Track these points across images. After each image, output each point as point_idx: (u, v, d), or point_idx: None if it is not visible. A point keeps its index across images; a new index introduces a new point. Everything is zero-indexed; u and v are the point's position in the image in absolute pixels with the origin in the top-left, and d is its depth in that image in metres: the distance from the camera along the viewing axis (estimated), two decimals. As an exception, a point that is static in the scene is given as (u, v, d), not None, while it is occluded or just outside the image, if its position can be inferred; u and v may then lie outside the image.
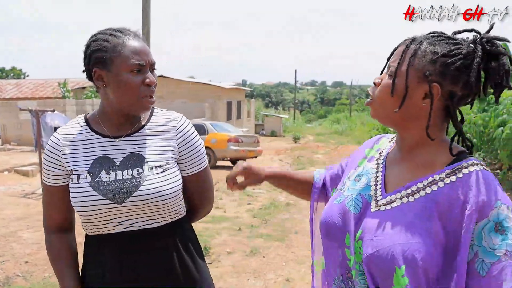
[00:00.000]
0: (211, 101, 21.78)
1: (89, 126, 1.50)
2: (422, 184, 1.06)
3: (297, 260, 5.05)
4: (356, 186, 1.21)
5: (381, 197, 1.13)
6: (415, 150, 1.13)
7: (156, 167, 1.45)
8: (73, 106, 15.83)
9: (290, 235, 6.06)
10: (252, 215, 7.24)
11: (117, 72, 1.39)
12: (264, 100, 63.18)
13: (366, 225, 1.09)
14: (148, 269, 1.44)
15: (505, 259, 0.95)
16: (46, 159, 1.48)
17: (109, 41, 1.39)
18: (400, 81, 1.08)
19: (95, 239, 1.45)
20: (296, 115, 44.18)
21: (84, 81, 22.80)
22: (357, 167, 1.29)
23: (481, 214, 0.97)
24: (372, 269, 1.04)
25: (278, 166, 13.95)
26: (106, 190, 1.39)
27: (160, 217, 1.45)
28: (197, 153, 1.56)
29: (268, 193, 9.21)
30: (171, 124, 1.53)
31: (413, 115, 1.09)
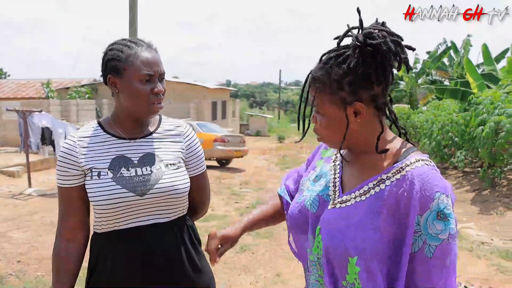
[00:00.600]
0: (197, 101, 21.81)
1: (103, 129, 1.63)
2: (372, 184, 1.15)
3: (286, 256, 5.18)
4: (315, 187, 1.30)
5: (338, 197, 1.21)
6: (363, 154, 1.21)
7: (171, 164, 1.61)
8: (57, 106, 15.70)
9: (277, 232, 6.18)
10: (240, 213, 7.37)
11: (129, 80, 1.52)
12: (249, 100, 63.33)
13: (323, 221, 1.19)
14: (158, 261, 1.56)
15: (448, 241, 1.07)
16: (62, 161, 1.58)
17: (123, 52, 1.53)
18: (327, 118, 1.17)
19: (108, 235, 1.57)
20: (280, 115, 44.40)
21: (68, 81, 22.67)
22: (315, 167, 1.38)
23: (424, 207, 1.07)
24: (330, 259, 1.15)
25: (263, 166, 14.09)
26: (129, 184, 1.53)
27: (171, 212, 1.59)
28: (199, 157, 1.74)
29: (255, 192, 9.36)
30: (179, 129, 1.71)
31: (356, 133, 1.17)
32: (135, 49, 1.54)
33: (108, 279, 1.57)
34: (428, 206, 1.07)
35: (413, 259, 1.08)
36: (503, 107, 8.18)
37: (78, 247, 1.63)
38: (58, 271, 1.61)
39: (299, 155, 17.07)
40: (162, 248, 1.56)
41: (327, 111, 1.16)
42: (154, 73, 1.54)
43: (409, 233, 1.07)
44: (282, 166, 13.71)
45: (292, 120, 46.28)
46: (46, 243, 5.43)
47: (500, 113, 8.01)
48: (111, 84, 1.57)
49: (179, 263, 1.59)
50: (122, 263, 1.55)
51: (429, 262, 1.08)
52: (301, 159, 15.79)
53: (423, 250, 1.08)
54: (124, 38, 1.62)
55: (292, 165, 14.07)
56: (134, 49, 1.54)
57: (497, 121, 7.82)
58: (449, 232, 1.07)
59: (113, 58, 1.54)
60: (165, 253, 1.57)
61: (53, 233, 5.44)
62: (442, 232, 1.07)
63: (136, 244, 1.54)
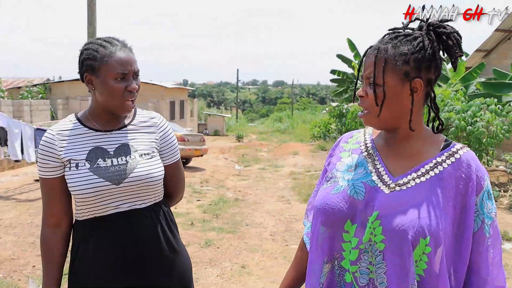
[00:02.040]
0: (155, 101, 21.63)
1: (80, 122, 1.71)
2: (428, 167, 1.20)
3: (250, 249, 5.34)
4: (353, 176, 1.27)
5: (391, 181, 1.22)
6: (409, 140, 1.25)
7: (145, 154, 1.71)
8: (9, 106, 15.18)
9: (241, 228, 6.32)
10: (202, 210, 7.44)
11: (104, 79, 1.62)
12: (206, 99, 63.11)
13: (383, 206, 1.18)
14: (138, 242, 1.66)
15: (495, 218, 1.20)
16: (42, 153, 1.66)
17: (98, 51, 1.62)
18: (386, 89, 1.18)
19: (89, 222, 1.66)
20: (238, 114, 44.53)
21: (19, 81, 21.95)
22: (341, 158, 1.36)
23: (479, 188, 1.17)
24: (394, 244, 1.14)
25: (223, 165, 14.16)
26: (105, 174, 1.62)
27: (147, 198, 1.69)
28: (173, 146, 1.84)
29: (216, 190, 9.44)
30: (153, 120, 1.81)
31: (404, 113, 1.21)
32: (110, 49, 1.62)
33: (91, 262, 1.66)
34: (482, 186, 1.18)
35: (473, 239, 1.16)
36: (452, 104, 8.67)
37: (63, 234, 1.72)
38: (47, 260, 1.71)
39: (258, 154, 17.27)
40: (141, 231, 1.67)
41: (388, 80, 1.18)
42: (128, 72, 1.62)
43: (470, 213, 1.15)
44: (241, 165, 13.83)
45: (249, 120, 46.52)
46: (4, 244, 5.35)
47: (450, 110, 8.50)
48: (87, 82, 1.66)
49: (158, 245, 1.70)
50: (103, 247, 1.64)
51: (488, 240, 1.18)
52: (260, 157, 15.99)
53: (482, 229, 1.17)
54: (99, 38, 1.70)
55: (252, 163, 14.25)
56: (109, 49, 1.62)
57: (447, 117, 8.27)
58: (495, 210, 1.21)
59: (88, 57, 1.63)
60: (143, 236, 1.67)
61: (10, 234, 5.37)
62: (492, 210, 1.19)
63: (116, 228, 1.64)
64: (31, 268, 4.71)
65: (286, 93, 72.96)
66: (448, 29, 1.21)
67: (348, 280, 1.22)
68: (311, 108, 44.71)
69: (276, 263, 4.91)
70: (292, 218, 6.82)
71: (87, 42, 1.69)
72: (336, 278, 1.25)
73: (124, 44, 1.68)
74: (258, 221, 6.72)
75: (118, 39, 1.70)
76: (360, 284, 1.20)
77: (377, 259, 1.17)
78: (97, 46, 1.63)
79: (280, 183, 10.33)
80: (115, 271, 1.64)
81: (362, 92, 1.23)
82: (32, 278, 4.41)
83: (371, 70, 1.20)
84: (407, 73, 1.17)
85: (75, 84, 21.42)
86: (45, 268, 1.72)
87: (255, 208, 7.67)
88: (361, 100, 1.25)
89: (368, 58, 1.23)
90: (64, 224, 1.71)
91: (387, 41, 1.21)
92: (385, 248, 1.15)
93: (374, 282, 1.18)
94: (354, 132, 1.44)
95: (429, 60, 1.18)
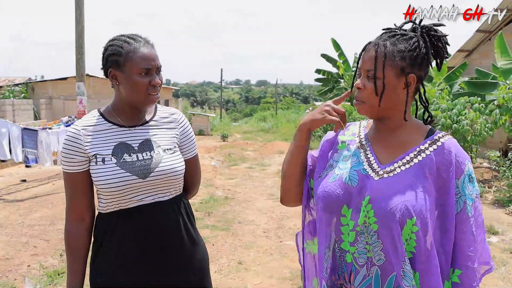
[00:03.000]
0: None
1: (104, 118, 1.76)
2: (413, 154, 1.34)
3: (245, 246, 5.40)
4: (347, 165, 1.41)
5: (380, 169, 1.35)
6: (397, 130, 1.39)
7: (168, 149, 1.77)
8: (-9, 106, 14.99)
9: (233, 225, 6.38)
10: (194, 208, 7.36)
11: (128, 74, 1.67)
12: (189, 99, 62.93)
13: (373, 191, 1.30)
14: (160, 234, 1.72)
15: (477, 199, 1.33)
16: (67, 148, 1.71)
17: (123, 47, 1.67)
18: (383, 82, 1.31)
19: (113, 214, 1.71)
20: (222, 113, 44.48)
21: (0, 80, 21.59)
22: (338, 150, 1.49)
23: (459, 171, 1.30)
24: (385, 225, 1.26)
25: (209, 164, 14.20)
26: (132, 168, 1.67)
27: (169, 191, 1.76)
28: (192, 141, 1.92)
29: (205, 189, 9.45)
30: (174, 116, 1.88)
31: (395, 104, 1.35)
32: (134, 45, 1.67)
33: (114, 254, 1.71)
34: (463, 170, 1.31)
35: (457, 219, 1.29)
36: (438, 103, 8.87)
37: (86, 227, 1.76)
38: (71, 253, 1.75)
39: (244, 153, 17.31)
40: (164, 223, 1.73)
41: (387, 74, 1.30)
42: (151, 67, 1.68)
43: (452, 194, 1.28)
44: (229, 164, 13.87)
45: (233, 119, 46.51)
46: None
47: (436, 108, 8.70)
48: (112, 77, 1.71)
49: (179, 236, 1.76)
50: (127, 238, 1.69)
51: (471, 220, 1.30)
52: (246, 156, 16.03)
53: (465, 210, 1.30)
54: (123, 34, 1.75)
55: (239, 162, 14.29)
56: (133, 45, 1.68)
57: (433, 116, 8.44)
58: (477, 192, 1.34)
59: (113, 53, 1.68)
60: (166, 227, 1.73)
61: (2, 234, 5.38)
62: (473, 192, 1.32)
63: (139, 220, 1.69)
64: (26, 267, 4.70)
65: (269, 92, 73.18)
66: (439, 33, 1.36)
67: (349, 261, 1.35)
68: (295, 108, 44.86)
69: (272, 259, 4.98)
70: (283, 215, 6.89)
71: (112, 38, 1.74)
72: (338, 260, 1.38)
73: (147, 40, 1.74)
74: (250, 219, 6.78)
75: (141, 35, 1.75)
76: (359, 263, 1.33)
77: (372, 239, 1.30)
78: (122, 42, 1.68)
79: (268, 182, 10.39)
80: (138, 262, 1.69)
81: (361, 84, 1.36)
82: (28, 277, 4.40)
83: (371, 64, 1.32)
84: (403, 69, 1.30)
85: (59, 83, 21.19)
86: (70, 261, 1.76)
87: (246, 206, 7.73)
88: (358, 91, 1.37)
89: (369, 53, 1.34)
90: (87, 217, 1.75)
91: (386, 39, 1.33)
92: (379, 229, 1.28)
93: (372, 260, 1.31)
94: (351, 124, 1.56)
95: (422, 58, 1.32)
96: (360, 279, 1.33)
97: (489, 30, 12.22)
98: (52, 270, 4.57)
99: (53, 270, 4.59)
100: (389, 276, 1.29)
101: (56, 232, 5.94)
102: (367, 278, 1.32)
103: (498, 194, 7.99)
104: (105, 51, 1.71)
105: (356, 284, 1.33)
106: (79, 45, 8.84)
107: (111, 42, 1.72)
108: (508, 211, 7.14)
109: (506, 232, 6.05)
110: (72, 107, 18.45)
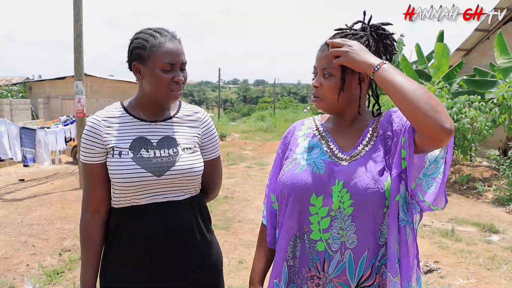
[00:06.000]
0: (137, 100, 21.38)
1: (126, 111, 1.72)
2: (369, 134, 1.45)
3: (245, 244, 5.38)
4: (312, 155, 1.48)
5: (345, 155, 1.44)
6: (353, 122, 1.50)
7: (187, 148, 1.71)
8: (-11, 106, 14.93)
9: (233, 224, 6.35)
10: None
11: (152, 68, 1.62)
12: (187, 98, 62.88)
13: (345, 175, 1.38)
14: (171, 233, 1.66)
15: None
16: (87, 138, 1.66)
17: (148, 41, 1.62)
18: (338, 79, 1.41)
19: (125, 210, 1.66)
20: (220, 113, 44.43)
21: (-2, 80, 21.52)
22: (298, 144, 1.55)
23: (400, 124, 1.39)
24: (362, 204, 1.34)
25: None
26: (147, 165, 1.62)
27: (183, 192, 1.70)
28: (214, 142, 1.84)
29: (205, 188, 9.42)
30: (197, 115, 1.81)
31: (351, 99, 1.45)
32: (159, 39, 1.62)
33: (124, 250, 1.67)
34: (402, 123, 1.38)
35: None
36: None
37: (102, 220, 1.72)
38: (86, 245, 1.71)
39: (243, 152, 17.29)
40: (176, 222, 1.67)
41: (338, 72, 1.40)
42: (176, 63, 1.62)
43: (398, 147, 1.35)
44: (227, 163, 13.85)
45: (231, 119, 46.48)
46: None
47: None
48: (135, 71, 1.67)
49: (191, 237, 1.70)
50: (139, 235, 1.64)
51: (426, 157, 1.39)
52: (245, 155, 16.02)
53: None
54: (149, 28, 1.69)
55: (238, 161, 14.27)
56: (159, 39, 1.62)
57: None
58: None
59: (138, 46, 1.63)
60: (177, 227, 1.67)
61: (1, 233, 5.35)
62: None
63: (152, 218, 1.64)
64: (25, 267, 4.67)
65: (267, 92, 73.07)
66: (386, 31, 1.46)
67: (321, 249, 1.40)
68: (293, 107, 44.84)
69: (272, 258, 4.94)
70: (283, 214, 6.86)
71: (138, 31, 1.69)
72: (307, 251, 1.42)
73: (174, 35, 1.68)
74: (249, 218, 6.75)
75: (168, 30, 1.69)
76: (333, 249, 1.38)
77: (346, 223, 1.37)
78: (147, 35, 1.63)
79: (267, 181, 10.38)
80: (147, 261, 1.65)
81: (317, 83, 1.44)
82: (27, 277, 4.37)
83: (325, 62, 1.41)
84: None
85: (56, 83, 21.13)
86: (83, 253, 1.72)
87: (245, 205, 7.70)
88: (315, 90, 1.46)
89: (323, 52, 1.43)
90: (103, 210, 1.71)
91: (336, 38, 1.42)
92: (353, 211, 1.35)
93: (345, 244, 1.37)
94: (305, 120, 1.65)
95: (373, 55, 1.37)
96: (334, 265, 1.38)
97: (488, 29, 12.23)
98: (51, 270, 4.54)
99: (52, 269, 4.55)
100: (361, 257, 1.37)
101: (55, 231, 5.91)
102: (342, 263, 1.38)
103: (498, 193, 7.99)
104: (131, 43, 1.67)
105: (331, 271, 1.39)
106: (77, 44, 8.78)
107: (137, 35, 1.67)
108: (508, 210, 7.14)
109: (507, 230, 6.05)
110: (70, 106, 18.41)
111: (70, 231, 5.90)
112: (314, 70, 1.48)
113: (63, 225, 6.17)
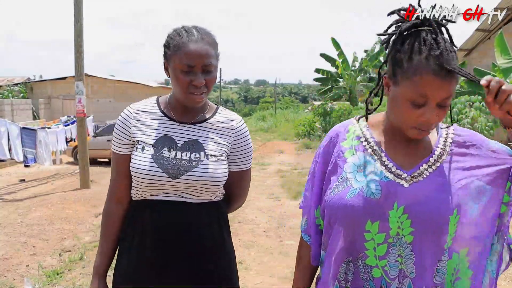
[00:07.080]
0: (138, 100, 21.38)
1: (159, 107, 1.70)
2: (436, 156, 1.29)
3: (245, 245, 5.39)
4: (364, 176, 1.30)
5: (406, 174, 1.26)
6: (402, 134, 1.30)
7: (212, 155, 1.63)
8: (-10, 106, 14.95)
9: (233, 224, 6.34)
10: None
11: (173, 68, 1.58)
12: (188, 99, 62.64)
13: (407, 199, 1.23)
14: (181, 234, 1.61)
15: None
16: (118, 129, 1.67)
17: (173, 39, 1.57)
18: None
19: (137, 203, 1.66)
20: (221, 113, 44.29)
21: (-1, 80, 21.55)
22: (347, 160, 1.36)
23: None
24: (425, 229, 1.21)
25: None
26: (165, 165, 1.59)
27: (200, 196, 1.63)
28: (246, 154, 1.75)
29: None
30: (232, 123, 1.72)
31: None
32: (184, 39, 1.55)
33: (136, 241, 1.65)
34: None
35: None
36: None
37: (124, 210, 1.70)
38: (106, 233, 1.71)
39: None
40: (186, 222, 1.62)
41: None
42: (195, 65, 1.54)
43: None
44: (228, 163, 13.89)
45: (232, 119, 46.25)
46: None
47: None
48: (165, 68, 1.64)
49: (202, 241, 1.64)
50: (148, 229, 1.62)
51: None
52: (246, 155, 16.02)
53: None
54: (183, 26, 1.64)
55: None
56: (184, 38, 1.55)
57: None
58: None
59: (165, 44, 1.61)
60: (187, 228, 1.62)
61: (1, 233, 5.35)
62: None
63: (160, 214, 1.61)
64: (25, 267, 4.68)
65: (268, 92, 73.06)
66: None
67: (377, 275, 1.25)
68: (294, 107, 44.86)
69: (272, 258, 4.96)
70: (283, 214, 6.86)
71: (174, 28, 1.65)
72: (361, 276, 1.28)
73: (203, 36, 1.59)
74: (250, 218, 6.75)
75: (199, 29, 1.61)
76: (391, 276, 1.24)
77: (405, 251, 1.22)
78: (175, 34, 1.59)
79: (268, 181, 10.37)
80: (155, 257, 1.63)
81: (436, 118, 1.20)
82: (27, 277, 4.37)
83: (448, 92, 1.18)
84: None
85: (57, 83, 21.15)
86: (101, 241, 1.72)
87: (246, 205, 7.66)
88: (430, 125, 1.23)
89: (446, 83, 1.17)
90: (125, 201, 1.70)
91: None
92: (414, 240, 1.21)
93: (405, 272, 1.23)
94: (349, 125, 1.44)
95: None
96: None
97: (488, 29, 12.22)
98: (51, 270, 4.55)
99: (52, 270, 4.56)
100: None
101: (55, 232, 5.91)
102: None
103: (499, 193, 7.97)
104: (165, 40, 1.63)
105: None
106: (78, 44, 8.79)
107: (170, 32, 1.63)
108: (509, 210, 7.12)
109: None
110: (71, 106, 18.40)
111: (70, 231, 5.91)
112: (418, 99, 1.18)
113: (63, 226, 6.18)
